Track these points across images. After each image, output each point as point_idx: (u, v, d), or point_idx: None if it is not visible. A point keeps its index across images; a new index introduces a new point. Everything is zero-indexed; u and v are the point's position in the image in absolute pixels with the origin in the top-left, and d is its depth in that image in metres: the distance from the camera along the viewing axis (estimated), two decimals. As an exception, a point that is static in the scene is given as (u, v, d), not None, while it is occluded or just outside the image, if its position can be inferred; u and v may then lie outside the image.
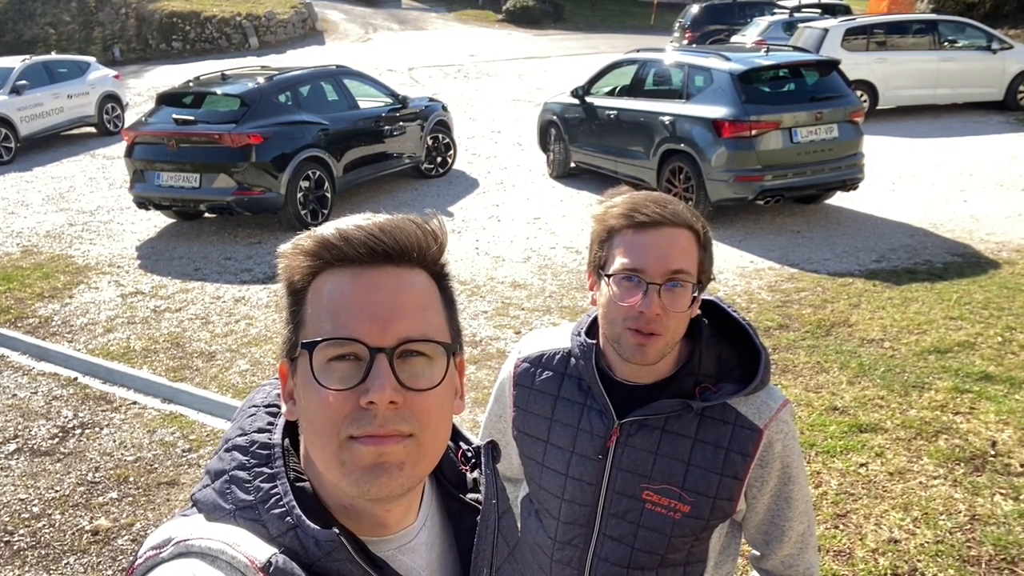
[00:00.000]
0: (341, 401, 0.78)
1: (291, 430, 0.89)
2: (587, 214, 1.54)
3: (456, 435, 1.02)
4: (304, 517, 0.79)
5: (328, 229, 0.82)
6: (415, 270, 0.84)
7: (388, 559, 0.84)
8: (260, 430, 0.88)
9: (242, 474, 0.83)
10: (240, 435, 0.88)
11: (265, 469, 0.83)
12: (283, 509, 0.80)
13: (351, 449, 0.78)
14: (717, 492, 1.41)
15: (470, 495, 0.97)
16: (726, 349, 1.45)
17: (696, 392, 1.41)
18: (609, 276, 1.37)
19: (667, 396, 1.41)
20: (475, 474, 0.98)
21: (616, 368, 1.46)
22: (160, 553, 0.77)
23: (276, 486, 0.82)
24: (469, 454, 1.00)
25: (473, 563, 0.91)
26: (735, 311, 1.48)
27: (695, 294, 1.36)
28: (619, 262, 1.35)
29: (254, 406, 0.93)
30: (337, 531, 0.79)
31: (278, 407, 0.92)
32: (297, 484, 0.83)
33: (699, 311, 1.49)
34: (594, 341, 1.48)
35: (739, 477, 1.41)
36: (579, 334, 1.52)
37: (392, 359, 0.78)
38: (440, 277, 0.88)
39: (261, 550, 0.77)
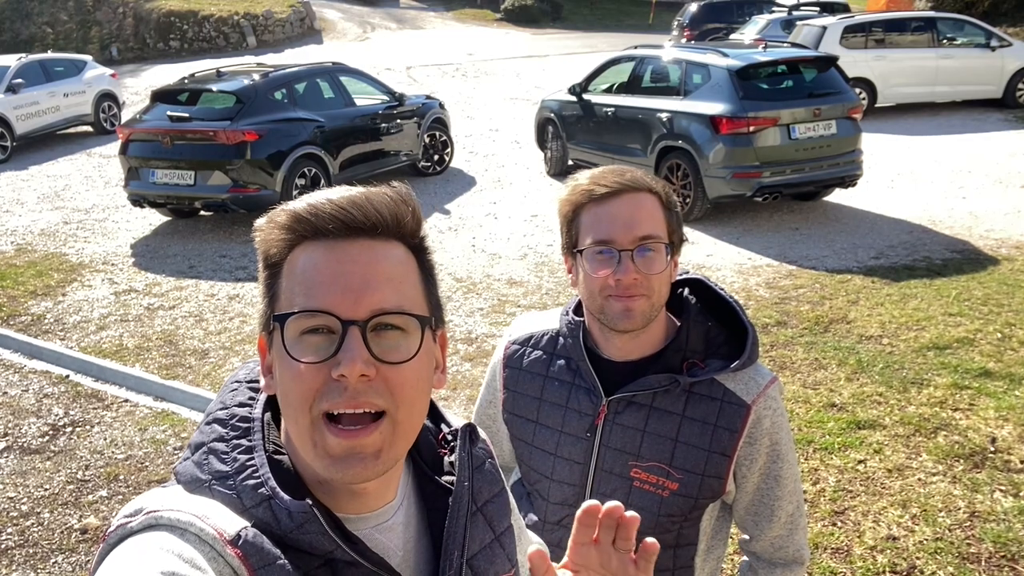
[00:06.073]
0: (313, 373, 0.77)
1: (275, 406, 0.89)
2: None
3: (438, 417, 1.01)
4: (279, 489, 0.78)
5: (300, 203, 0.82)
6: (391, 242, 0.83)
7: (365, 537, 0.83)
8: (241, 404, 0.88)
9: (220, 445, 0.83)
10: (221, 408, 0.88)
11: (243, 441, 0.83)
12: (258, 480, 0.79)
13: (323, 434, 0.77)
14: (705, 469, 1.40)
15: (446, 478, 0.95)
16: (713, 326, 1.44)
17: (684, 368, 1.40)
18: (581, 252, 1.37)
19: (654, 372, 1.39)
20: (452, 457, 0.97)
21: (603, 346, 1.45)
22: (130, 523, 0.77)
23: (253, 458, 0.81)
24: (449, 437, 0.99)
25: (444, 546, 0.90)
26: (722, 289, 1.48)
27: (669, 255, 1.35)
28: (588, 237, 1.36)
29: (237, 381, 0.93)
30: (310, 503, 0.77)
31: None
32: (275, 457, 0.83)
33: (687, 289, 1.47)
34: (582, 319, 1.48)
35: (727, 454, 1.40)
36: (567, 313, 1.52)
37: (365, 332, 0.77)
38: (418, 250, 0.87)
39: (231, 523, 0.76)
